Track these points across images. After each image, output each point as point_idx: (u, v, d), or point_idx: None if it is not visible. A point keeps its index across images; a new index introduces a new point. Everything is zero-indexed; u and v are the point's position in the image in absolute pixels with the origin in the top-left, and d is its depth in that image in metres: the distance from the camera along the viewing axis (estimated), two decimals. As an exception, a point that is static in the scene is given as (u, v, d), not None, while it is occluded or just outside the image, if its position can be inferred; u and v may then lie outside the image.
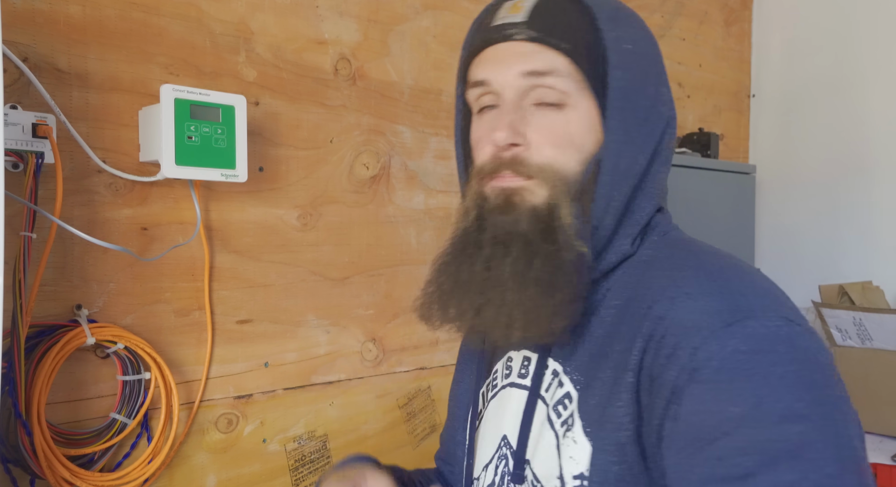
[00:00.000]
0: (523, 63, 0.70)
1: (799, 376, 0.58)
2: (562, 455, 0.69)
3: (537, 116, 0.71)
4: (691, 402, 0.60)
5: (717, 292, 0.63)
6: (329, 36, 1.40)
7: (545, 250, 0.68)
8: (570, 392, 0.70)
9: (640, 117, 0.71)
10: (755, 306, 0.61)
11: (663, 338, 0.63)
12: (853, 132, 2.23)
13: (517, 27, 0.70)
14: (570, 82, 0.70)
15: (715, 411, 0.58)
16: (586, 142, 0.70)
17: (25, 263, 0.99)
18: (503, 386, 0.79)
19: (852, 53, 2.23)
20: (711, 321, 0.61)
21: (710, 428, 0.58)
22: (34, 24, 1.06)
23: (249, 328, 1.30)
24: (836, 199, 2.26)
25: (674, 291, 0.65)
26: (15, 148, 0.99)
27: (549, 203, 0.69)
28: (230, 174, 1.15)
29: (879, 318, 1.79)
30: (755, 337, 0.59)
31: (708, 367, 0.59)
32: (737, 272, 0.66)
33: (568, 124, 0.70)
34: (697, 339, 0.60)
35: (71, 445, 1.07)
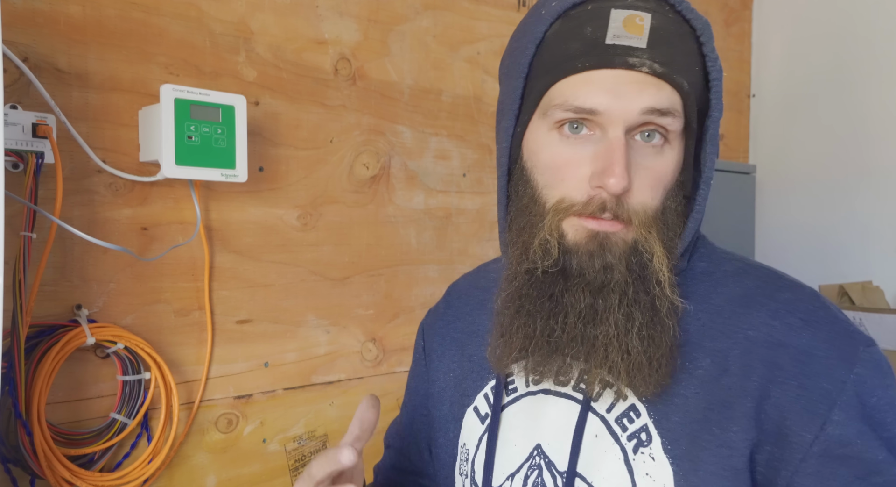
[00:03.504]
0: (648, 98, 0.62)
1: None
2: (634, 471, 0.66)
3: (640, 156, 0.64)
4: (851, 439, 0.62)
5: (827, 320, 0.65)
6: (329, 36, 1.40)
7: (643, 301, 0.64)
8: (637, 406, 0.67)
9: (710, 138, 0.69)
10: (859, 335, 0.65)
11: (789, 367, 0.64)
12: (853, 132, 2.23)
13: (640, 55, 0.62)
14: (680, 121, 0.65)
15: (868, 447, 0.62)
16: (676, 178, 0.67)
17: (25, 263, 0.99)
18: (532, 392, 0.75)
19: (852, 53, 2.23)
20: (844, 353, 0.63)
21: (873, 463, 0.62)
22: (34, 24, 1.06)
23: (249, 328, 1.30)
24: (836, 199, 2.26)
25: (789, 317, 0.65)
26: (15, 148, 0.99)
27: (641, 249, 0.65)
28: (230, 174, 1.15)
29: (879, 318, 1.79)
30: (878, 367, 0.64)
31: (860, 403, 0.62)
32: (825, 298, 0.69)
33: (666, 165, 0.65)
34: (842, 374, 0.63)
35: (71, 445, 1.07)
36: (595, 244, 0.65)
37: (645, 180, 0.64)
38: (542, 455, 0.72)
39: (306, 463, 1.38)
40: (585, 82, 0.64)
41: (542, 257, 0.66)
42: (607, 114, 0.63)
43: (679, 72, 0.63)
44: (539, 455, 0.72)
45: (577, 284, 0.65)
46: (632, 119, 0.63)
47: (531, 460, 0.73)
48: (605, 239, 0.65)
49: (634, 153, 0.64)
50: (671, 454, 0.65)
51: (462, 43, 1.60)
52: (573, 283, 0.65)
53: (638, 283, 0.64)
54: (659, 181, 0.65)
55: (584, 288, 0.65)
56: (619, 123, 0.63)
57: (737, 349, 0.65)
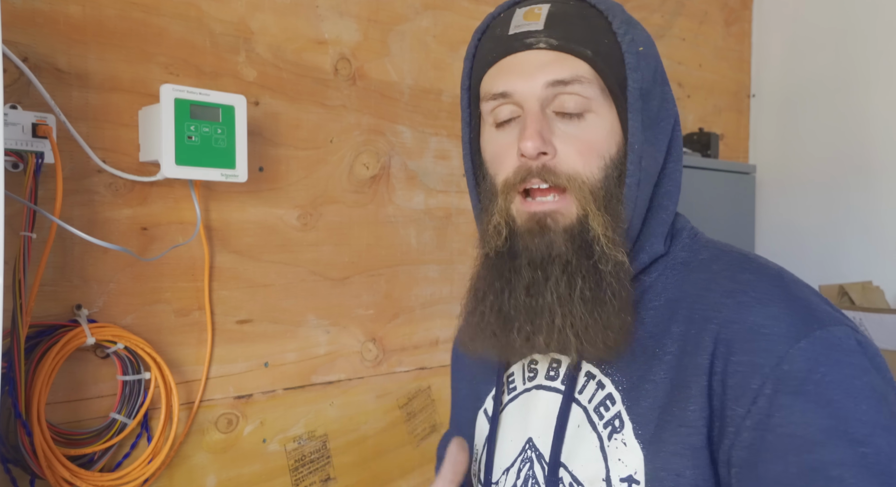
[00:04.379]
0: (548, 73, 0.68)
1: (874, 388, 0.61)
2: (609, 457, 0.68)
3: (561, 126, 0.70)
4: (781, 413, 0.61)
5: (784, 299, 0.64)
6: (329, 36, 1.40)
7: (584, 266, 0.68)
8: (613, 394, 0.69)
9: (653, 117, 0.72)
10: (823, 315, 0.63)
11: (735, 343, 0.64)
12: (853, 132, 2.23)
13: (537, 35, 0.69)
14: (593, 89, 0.69)
15: (805, 422, 0.60)
16: (609, 147, 0.70)
17: (25, 263, 0.99)
18: (526, 389, 0.78)
19: (852, 53, 2.23)
20: (790, 330, 0.62)
21: (802, 440, 0.60)
22: (34, 24, 1.06)
23: (249, 328, 1.30)
24: (836, 199, 2.26)
25: (741, 295, 0.65)
26: (15, 148, 0.99)
27: (580, 216, 0.69)
28: (230, 174, 1.15)
29: (879, 318, 1.79)
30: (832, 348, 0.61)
31: (794, 378, 0.61)
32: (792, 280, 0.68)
33: (591, 132, 0.69)
34: (780, 349, 0.62)
35: (71, 445, 1.07)
36: (534, 223, 0.70)
37: (571, 147, 0.69)
38: (534, 448, 0.75)
39: (306, 463, 1.38)
40: (497, 71, 0.72)
41: (494, 239, 0.72)
42: (517, 92, 0.70)
43: (579, 43, 0.69)
44: (530, 449, 0.75)
45: (522, 262, 0.70)
46: (539, 93, 0.69)
47: (523, 453, 0.75)
48: (545, 217, 0.70)
49: (557, 124, 0.70)
50: (642, 439, 0.66)
51: (462, 43, 1.60)
52: (519, 261, 0.70)
53: (581, 250, 0.69)
54: (587, 146, 0.69)
55: (528, 264, 0.69)
56: (530, 99, 0.69)
57: (694, 329, 0.67)
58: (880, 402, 0.60)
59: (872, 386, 0.61)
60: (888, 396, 0.61)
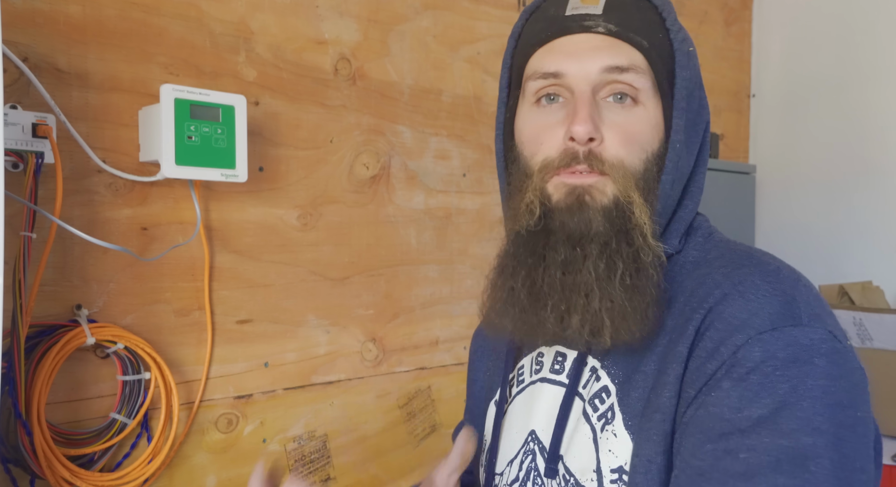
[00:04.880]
0: (606, 57, 0.68)
1: (827, 392, 0.58)
2: (600, 449, 0.68)
3: (609, 113, 0.69)
4: (718, 394, 0.61)
5: (769, 294, 0.63)
6: (329, 36, 1.40)
7: (625, 251, 0.67)
8: (608, 386, 0.70)
9: (692, 119, 0.72)
10: (804, 314, 0.62)
11: (708, 331, 0.63)
12: (853, 132, 2.23)
13: (595, 19, 0.68)
14: (645, 80, 0.69)
15: (738, 407, 0.59)
16: (651, 140, 0.70)
17: (25, 263, 0.99)
18: (532, 382, 0.78)
19: (852, 53, 2.23)
20: (759, 322, 0.61)
21: (727, 422, 0.59)
22: (34, 24, 1.06)
23: (249, 328, 1.30)
24: (836, 199, 2.26)
25: (728, 287, 0.65)
26: (15, 148, 0.99)
27: (622, 202, 0.67)
28: (230, 174, 1.15)
29: (879, 318, 1.79)
30: (797, 345, 0.60)
31: (743, 366, 0.60)
32: (791, 278, 0.66)
33: (638, 123, 0.69)
34: (741, 338, 0.61)
35: (71, 445, 1.07)
36: (573, 198, 0.68)
37: (617, 136, 0.68)
38: (536, 441, 0.75)
39: (306, 463, 1.38)
40: (549, 51, 0.70)
41: (526, 217, 0.70)
42: (570, 74, 0.69)
43: (636, 32, 0.68)
44: (533, 441, 0.75)
45: (558, 238, 0.68)
46: (594, 77, 0.68)
47: (526, 446, 0.76)
48: (584, 193, 0.68)
49: (605, 111, 0.69)
50: (631, 429, 0.66)
51: (462, 43, 1.60)
52: (555, 238, 0.68)
53: (620, 235, 0.67)
54: (632, 137, 0.68)
55: (564, 241, 0.68)
56: (583, 82, 0.68)
57: (682, 320, 0.66)
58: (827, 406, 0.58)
59: (826, 390, 0.58)
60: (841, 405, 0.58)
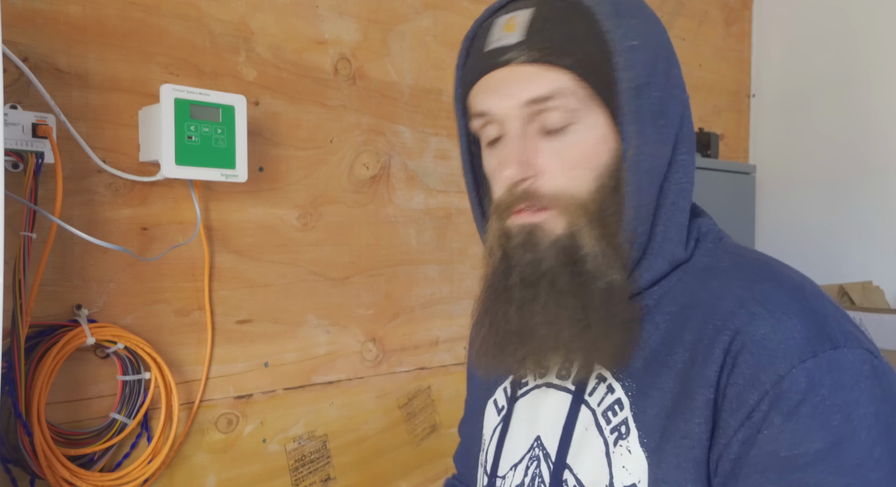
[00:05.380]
0: (524, 91, 0.66)
1: (879, 417, 0.58)
2: (613, 464, 0.67)
3: (545, 142, 0.67)
4: (770, 430, 0.59)
5: (800, 313, 0.61)
6: (329, 36, 1.40)
7: (573, 284, 0.66)
8: (622, 399, 0.68)
9: (655, 110, 0.67)
10: (838, 334, 0.60)
11: (741, 355, 0.61)
12: (853, 132, 2.23)
13: (514, 50, 0.66)
14: (577, 99, 0.66)
15: (794, 443, 0.58)
16: (599, 156, 0.67)
17: (25, 263, 0.99)
18: (537, 385, 0.77)
19: (852, 53, 2.23)
20: (798, 347, 0.59)
21: (785, 460, 0.58)
22: (34, 24, 1.06)
23: (249, 328, 1.30)
24: (836, 199, 2.26)
25: (753, 305, 0.62)
26: (15, 148, 0.99)
27: (570, 233, 0.66)
28: (230, 174, 1.15)
29: (879, 318, 1.79)
30: (840, 370, 0.59)
31: (791, 399, 0.58)
32: (815, 293, 0.64)
33: (577, 145, 0.67)
34: (783, 366, 0.59)
35: (71, 445, 1.07)
36: (523, 238, 0.68)
37: (556, 164, 0.67)
38: (541, 447, 0.74)
39: (306, 463, 1.38)
40: (478, 90, 0.70)
41: (490, 260, 0.71)
42: (495, 112, 0.68)
43: (560, 52, 0.65)
44: (538, 447, 0.74)
45: (514, 280, 0.69)
46: (517, 112, 0.67)
47: (531, 451, 0.75)
48: (533, 230, 0.68)
49: (541, 142, 0.67)
50: (647, 447, 0.65)
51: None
52: (512, 280, 0.69)
53: (569, 267, 0.66)
54: (573, 163, 0.67)
55: (520, 283, 0.68)
56: (509, 119, 0.67)
57: (706, 338, 0.64)
58: (882, 434, 0.57)
59: (878, 416, 0.57)
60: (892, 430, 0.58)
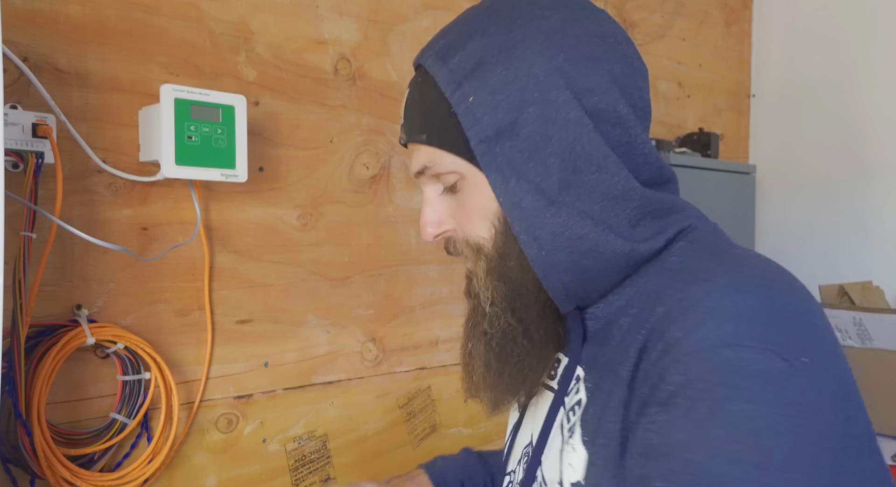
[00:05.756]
0: (414, 165, 0.76)
1: (750, 417, 0.55)
2: (563, 461, 0.69)
3: (449, 202, 0.75)
4: (647, 418, 0.60)
5: (708, 311, 0.59)
6: (329, 36, 1.40)
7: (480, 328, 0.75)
8: (582, 399, 0.70)
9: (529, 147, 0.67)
10: (743, 333, 0.57)
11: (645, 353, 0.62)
12: (853, 132, 2.23)
13: (401, 131, 0.77)
14: (445, 165, 0.72)
15: (664, 432, 0.58)
16: (490, 205, 0.71)
17: (25, 263, 0.99)
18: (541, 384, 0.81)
19: (852, 53, 2.23)
20: (689, 343, 0.58)
21: (655, 448, 0.58)
22: (34, 24, 1.06)
23: (249, 328, 1.30)
24: (836, 198, 2.26)
25: (671, 304, 0.62)
26: (15, 148, 0.99)
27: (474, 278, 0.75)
28: (230, 174, 1.15)
29: (879, 318, 1.79)
30: (725, 367, 0.56)
31: (667, 390, 0.58)
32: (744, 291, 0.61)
33: (469, 201, 0.72)
34: (669, 360, 0.59)
35: (71, 445, 1.07)
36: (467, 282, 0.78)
37: (464, 220, 0.74)
38: (531, 444, 0.78)
39: (306, 463, 1.38)
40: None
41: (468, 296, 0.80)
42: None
43: (418, 131, 0.73)
44: (530, 444, 0.79)
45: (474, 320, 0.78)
46: (421, 181, 0.76)
47: (526, 448, 0.79)
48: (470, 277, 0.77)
49: (451, 201, 0.75)
50: (587, 445, 0.67)
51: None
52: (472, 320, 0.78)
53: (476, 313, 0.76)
54: (469, 216, 0.73)
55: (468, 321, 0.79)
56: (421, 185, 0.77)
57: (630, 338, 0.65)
58: (747, 433, 0.54)
59: (748, 415, 0.55)
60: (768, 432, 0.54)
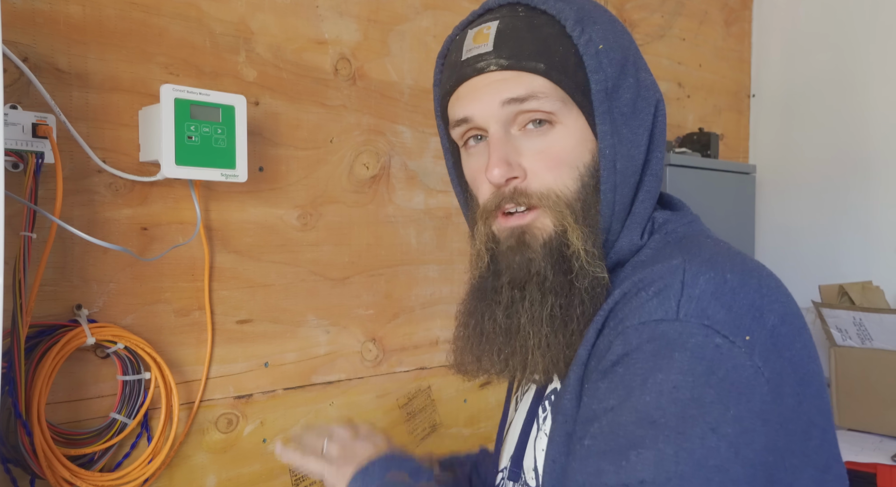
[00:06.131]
0: (501, 92, 0.68)
1: (678, 387, 0.56)
2: (536, 448, 0.71)
3: (527, 143, 0.70)
4: (590, 386, 0.63)
5: (657, 291, 0.62)
6: (329, 36, 1.40)
7: (559, 283, 0.68)
8: (557, 388, 0.72)
9: (626, 112, 0.70)
10: (682, 308, 0.60)
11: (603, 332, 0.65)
12: (853, 132, 2.23)
13: (486, 58, 0.69)
14: (552, 101, 0.68)
15: (600, 399, 0.61)
16: (581, 156, 0.69)
17: (25, 263, 0.99)
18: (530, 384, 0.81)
19: (852, 53, 2.23)
20: (633, 317, 0.61)
21: (593, 413, 0.61)
22: (34, 24, 1.06)
23: (249, 328, 1.30)
24: (836, 199, 2.26)
25: (628, 286, 0.65)
26: (15, 148, 0.99)
27: (558, 231, 0.69)
28: (230, 174, 1.15)
29: (879, 318, 1.79)
30: (662, 339, 0.59)
31: (609, 360, 0.61)
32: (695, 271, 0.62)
33: (559, 144, 0.69)
34: (614, 334, 0.62)
35: (71, 445, 1.07)
36: (514, 240, 0.70)
37: (540, 164, 0.69)
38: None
39: (306, 463, 1.38)
40: (456, 98, 0.72)
41: (478, 263, 0.73)
42: (476, 116, 0.70)
43: (530, 58, 0.68)
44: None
45: (503, 281, 0.71)
46: (498, 114, 0.69)
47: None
48: (523, 232, 0.70)
49: (523, 142, 0.70)
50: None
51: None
52: (500, 281, 0.71)
53: (558, 266, 0.69)
54: (556, 161, 0.69)
55: (508, 283, 0.70)
56: (491, 122, 0.70)
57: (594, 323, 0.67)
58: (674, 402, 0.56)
59: (677, 386, 0.56)
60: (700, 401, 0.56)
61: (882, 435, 1.81)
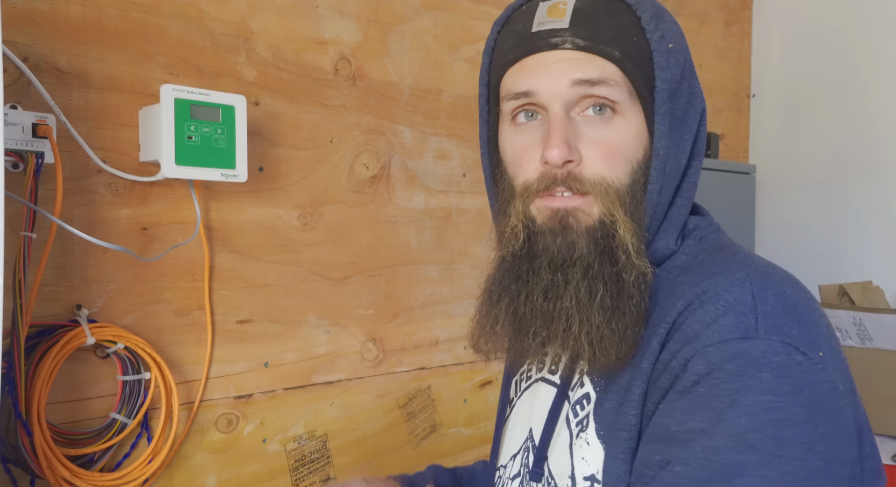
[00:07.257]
0: (576, 72, 0.66)
1: (770, 408, 0.56)
2: (574, 455, 0.69)
3: (587, 129, 0.67)
4: (666, 406, 0.61)
5: (728, 304, 0.61)
6: (329, 36, 1.40)
7: (607, 272, 0.66)
8: (590, 393, 0.69)
9: (680, 116, 0.69)
10: (761, 326, 0.59)
11: (667, 344, 0.63)
12: (853, 132, 2.23)
13: (562, 34, 0.66)
14: (621, 90, 0.66)
15: (682, 420, 0.59)
16: (636, 151, 0.68)
17: (25, 263, 0.99)
18: (535, 380, 0.79)
19: (852, 53, 2.23)
20: (711, 334, 0.60)
21: (673, 434, 0.59)
22: (34, 24, 1.06)
23: (249, 328, 1.30)
24: (836, 198, 2.26)
25: (691, 297, 0.63)
26: (15, 148, 0.99)
27: (606, 222, 0.66)
28: (230, 174, 1.15)
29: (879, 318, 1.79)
30: (745, 358, 0.58)
31: (689, 379, 0.59)
32: (762, 286, 0.62)
33: (618, 136, 0.67)
34: (689, 351, 0.60)
35: (71, 445, 1.07)
36: (556, 222, 0.67)
37: (597, 152, 0.67)
38: (531, 438, 0.76)
39: (306, 463, 1.38)
40: (520, 69, 0.69)
41: (511, 242, 0.69)
42: (541, 92, 0.67)
43: (607, 43, 0.66)
44: (529, 439, 0.77)
45: (541, 263, 0.68)
46: (565, 93, 0.66)
47: (525, 442, 0.77)
48: (567, 215, 0.67)
49: (583, 127, 0.67)
50: (603, 439, 0.67)
51: (462, 43, 1.60)
52: (538, 262, 0.68)
53: (604, 256, 0.66)
54: (614, 152, 0.67)
55: (548, 266, 0.67)
56: (555, 100, 0.66)
57: (650, 332, 0.66)
58: (766, 423, 0.56)
59: (768, 407, 0.56)
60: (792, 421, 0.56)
61: (882, 435, 1.81)
